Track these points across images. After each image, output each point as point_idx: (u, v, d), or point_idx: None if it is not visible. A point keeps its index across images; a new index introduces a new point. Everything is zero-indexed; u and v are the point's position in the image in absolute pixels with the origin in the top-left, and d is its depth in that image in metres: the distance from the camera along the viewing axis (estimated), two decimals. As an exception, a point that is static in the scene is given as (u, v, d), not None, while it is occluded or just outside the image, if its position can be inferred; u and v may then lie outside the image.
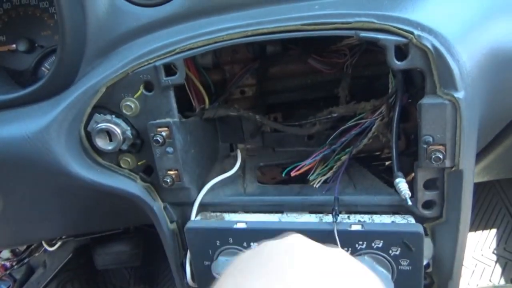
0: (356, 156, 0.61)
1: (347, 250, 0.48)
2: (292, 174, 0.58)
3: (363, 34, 0.43)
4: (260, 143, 0.73)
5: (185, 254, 0.59)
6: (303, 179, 0.60)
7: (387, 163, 0.79)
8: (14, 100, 0.53)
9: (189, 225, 0.53)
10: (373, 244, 0.47)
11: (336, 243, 0.47)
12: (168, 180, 0.52)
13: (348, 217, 0.51)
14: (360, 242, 0.47)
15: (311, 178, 0.58)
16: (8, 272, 1.12)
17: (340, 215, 0.50)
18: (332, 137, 0.60)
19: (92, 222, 0.71)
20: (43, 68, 0.68)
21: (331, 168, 0.59)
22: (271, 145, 0.72)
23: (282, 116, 0.75)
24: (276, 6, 0.50)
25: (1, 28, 0.65)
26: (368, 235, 0.47)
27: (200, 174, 0.59)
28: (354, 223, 0.48)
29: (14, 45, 0.66)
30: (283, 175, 0.57)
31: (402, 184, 0.46)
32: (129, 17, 0.51)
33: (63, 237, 0.94)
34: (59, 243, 0.95)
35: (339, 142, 0.59)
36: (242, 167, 0.65)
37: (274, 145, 0.72)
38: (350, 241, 0.47)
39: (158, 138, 0.50)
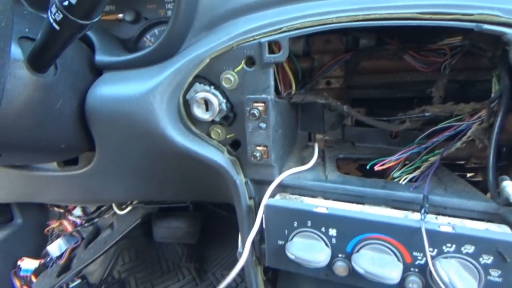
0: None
1: (432, 251, 0.46)
2: (376, 168, 0.57)
3: (487, 27, 0.41)
4: (339, 136, 0.73)
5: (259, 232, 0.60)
6: (380, 177, 0.59)
7: (468, 175, 0.75)
8: (124, 63, 0.57)
9: (269, 202, 0.54)
10: (462, 249, 0.45)
11: (422, 242, 0.45)
12: (257, 155, 0.53)
13: (436, 218, 0.49)
14: (449, 245, 0.45)
15: (395, 175, 0.57)
16: (77, 229, 1.21)
17: (427, 214, 0.48)
18: (422, 136, 0.58)
19: (167, 191, 0.75)
20: (144, 39, 0.73)
21: (417, 168, 0.57)
22: (351, 139, 0.71)
23: (364, 112, 0.73)
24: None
25: (111, -2, 0.71)
26: (458, 238, 0.45)
27: (282, 156, 0.60)
28: (444, 224, 0.46)
29: (121, 15, 0.72)
30: (367, 167, 0.57)
31: (510, 187, 0.43)
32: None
33: (134, 202, 1.00)
34: (129, 208, 1.01)
35: (429, 142, 0.57)
36: (322, 156, 0.65)
37: (354, 139, 0.71)
38: (437, 242, 0.46)
39: (255, 112, 0.51)
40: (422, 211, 0.47)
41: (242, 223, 0.59)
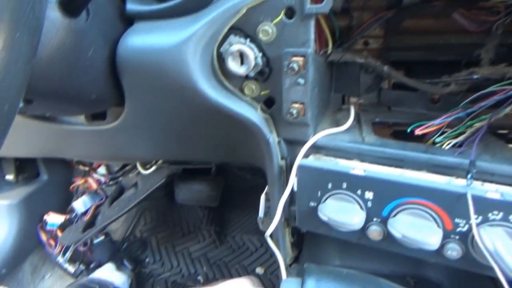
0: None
1: (477, 219, 0.44)
2: (417, 132, 0.54)
3: None
4: (375, 99, 0.70)
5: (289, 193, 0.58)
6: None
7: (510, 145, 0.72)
8: (156, 12, 0.55)
9: (303, 162, 0.52)
10: (510, 217, 0.42)
11: (466, 208, 0.43)
12: (294, 112, 0.51)
13: (482, 184, 0.46)
14: (496, 212, 0.43)
15: (437, 140, 0.54)
16: (102, 187, 1.23)
17: (474, 180, 0.45)
18: (468, 100, 0.55)
19: (195, 151, 0.74)
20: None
21: (461, 134, 0.54)
22: (388, 103, 0.68)
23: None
24: None
25: None
26: (506, 206, 0.42)
27: (317, 116, 0.58)
28: (491, 191, 0.43)
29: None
30: (408, 130, 0.54)
31: None
32: None
33: (158, 162, 1.00)
34: (153, 168, 1.02)
35: (476, 106, 0.54)
36: (357, 119, 0.63)
37: (391, 103, 0.68)
38: (483, 209, 0.43)
39: (294, 66, 0.48)
40: (469, 176, 0.44)
41: (273, 184, 0.58)
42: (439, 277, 0.64)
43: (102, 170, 1.25)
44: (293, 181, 0.53)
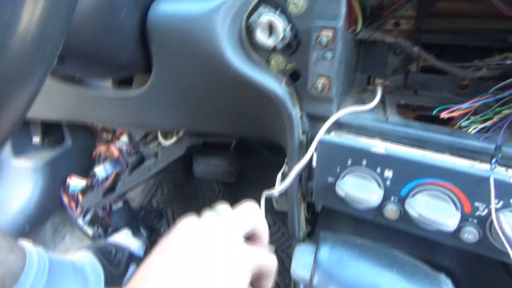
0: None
1: (498, 204, 0.43)
2: (442, 115, 0.53)
3: None
4: (401, 82, 0.68)
5: (307, 169, 0.59)
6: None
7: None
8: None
9: (324, 138, 0.53)
10: (532, 204, 0.42)
11: (487, 192, 0.43)
12: (319, 87, 0.51)
13: (506, 170, 0.45)
14: (517, 198, 0.42)
15: (463, 124, 0.53)
16: (123, 155, 1.26)
17: (497, 166, 0.45)
18: (499, 86, 0.53)
19: (217, 123, 0.75)
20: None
21: (488, 119, 0.53)
22: (415, 86, 0.67)
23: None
24: None
25: None
26: (529, 193, 0.42)
27: (342, 93, 0.57)
28: (515, 177, 0.43)
29: None
30: (434, 113, 0.53)
31: None
32: None
33: (180, 134, 1.01)
34: (174, 139, 1.03)
35: (507, 92, 0.53)
36: (382, 100, 0.62)
37: (418, 87, 0.66)
38: (504, 194, 0.43)
39: (323, 39, 0.48)
40: (493, 160, 0.44)
41: (292, 158, 0.58)
42: (451, 263, 0.64)
43: (124, 138, 1.28)
44: (311, 153, 0.54)
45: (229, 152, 1.22)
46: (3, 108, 0.35)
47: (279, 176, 0.85)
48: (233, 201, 1.44)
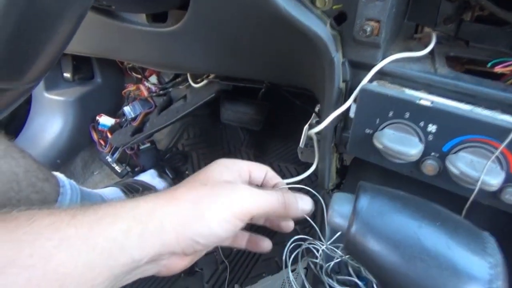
0: None
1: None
2: (497, 68, 0.50)
3: None
4: (452, 32, 0.63)
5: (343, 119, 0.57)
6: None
7: None
8: None
9: (366, 86, 0.50)
10: None
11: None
12: (367, 30, 0.47)
13: None
14: None
15: (518, 81, 0.49)
16: (152, 95, 1.26)
17: (554, 126, 0.42)
18: None
19: (251, 66, 0.72)
20: None
21: (548, 77, 0.49)
22: (467, 37, 0.62)
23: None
24: None
25: None
26: None
27: (389, 40, 0.54)
28: None
29: None
30: (488, 65, 0.49)
31: None
32: None
33: (210, 77, 1.00)
34: (204, 82, 1.02)
35: None
36: (430, 50, 0.58)
37: (470, 38, 0.61)
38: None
39: (378, -24, 0.44)
40: (550, 120, 0.41)
41: (328, 107, 0.56)
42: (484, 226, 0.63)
43: (153, 79, 1.27)
44: (350, 102, 0.52)
45: (257, 100, 1.21)
46: (49, 39, 0.34)
47: (305, 127, 0.84)
48: (258, 148, 1.45)
